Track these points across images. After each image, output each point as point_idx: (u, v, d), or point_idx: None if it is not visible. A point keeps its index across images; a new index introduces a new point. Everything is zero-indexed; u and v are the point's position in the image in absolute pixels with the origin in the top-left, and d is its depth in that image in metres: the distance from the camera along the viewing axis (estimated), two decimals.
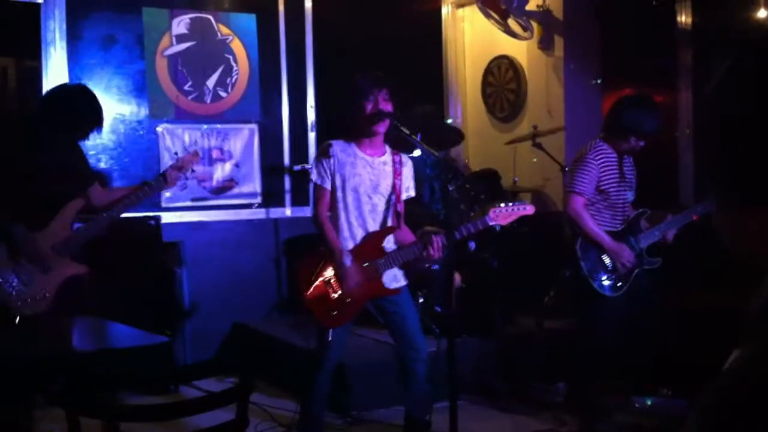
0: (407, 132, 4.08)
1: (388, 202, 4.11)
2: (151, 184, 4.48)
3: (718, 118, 0.89)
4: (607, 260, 4.50)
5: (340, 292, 3.99)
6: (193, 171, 4.76)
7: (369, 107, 3.97)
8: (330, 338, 3.96)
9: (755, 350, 0.82)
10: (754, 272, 0.91)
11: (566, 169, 5.61)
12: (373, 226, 4.08)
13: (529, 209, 4.14)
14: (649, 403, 4.87)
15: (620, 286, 4.50)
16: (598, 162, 4.49)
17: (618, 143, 4.52)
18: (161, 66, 6.17)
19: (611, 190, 4.53)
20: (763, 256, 0.89)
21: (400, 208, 4.14)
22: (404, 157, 4.20)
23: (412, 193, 4.23)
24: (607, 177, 4.52)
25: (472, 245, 5.57)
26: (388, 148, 4.16)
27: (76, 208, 4.30)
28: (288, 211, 6.60)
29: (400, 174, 4.12)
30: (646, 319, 4.58)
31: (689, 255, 4.68)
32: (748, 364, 0.81)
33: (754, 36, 0.90)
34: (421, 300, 5.47)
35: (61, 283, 4.18)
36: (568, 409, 4.80)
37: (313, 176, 4.07)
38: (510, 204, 4.09)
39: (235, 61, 6.41)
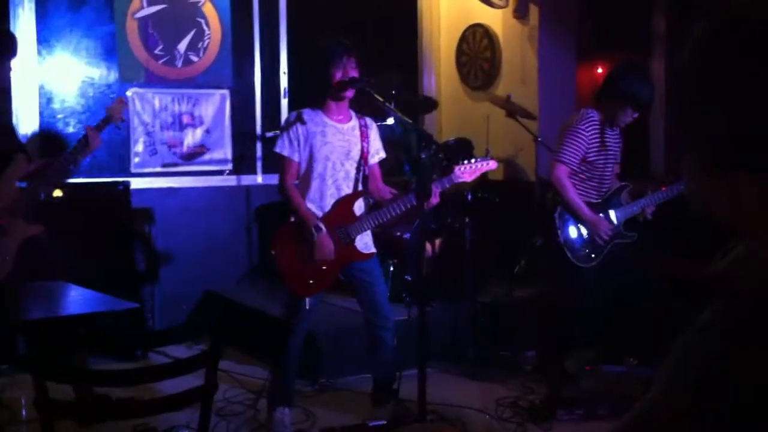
0: (380, 99, 4.06)
1: (358, 166, 4.11)
2: (71, 152, 4.37)
3: (693, 82, 0.89)
4: (584, 231, 4.52)
5: (315, 260, 3.98)
6: (123, 120, 4.64)
7: (338, 74, 3.95)
8: (308, 307, 3.97)
9: (724, 307, 0.82)
10: (723, 237, 0.92)
11: (539, 139, 5.62)
12: (346, 192, 4.08)
13: (492, 164, 4.18)
14: (615, 371, 4.93)
15: (594, 257, 4.52)
16: (588, 133, 4.46)
17: (612, 113, 4.46)
18: (132, 28, 6.06)
19: (594, 160, 4.52)
20: (732, 219, 0.89)
21: (370, 171, 4.14)
22: (369, 120, 4.21)
23: (383, 155, 4.24)
24: (593, 148, 4.50)
25: (446, 214, 5.57)
26: (353, 113, 4.15)
27: (21, 166, 4.19)
28: (259, 178, 6.56)
29: (367, 137, 4.13)
30: (620, 290, 4.61)
31: (661, 227, 4.72)
32: (717, 321, 0.81)
33: (729, 4, 0.90)
34: (391, 268, 5.48)
35: (19, 246, 4.10)
36: (536, 377, 4.85)
37: (278, 147, 4.04)
38: (473, 160, 4.11)
39: (207, 25, 6.32)
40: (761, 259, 0.86)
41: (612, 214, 4.60)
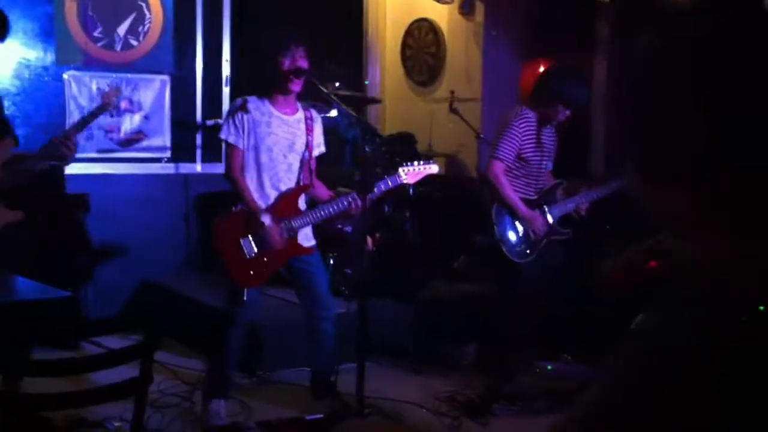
0: (325, 90, 4.05)
1: (302, 159, 4.09)
2: (39, 153, 4.09)
3: (633, 90, 0.91)
4: (519, 227, 4.59)
5: (257, 251, 3.95)
6: (116, 107, 4.46)
7: (286, 64, 3.91)
8: (246, 298, 3.93)
9: (661, 314, 0.83)
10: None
11: (481, 136, 5.66)
12: (288, 185, 4.07)
13: (434, 168, 4.24)
14: (550, 367, 5.01)
15: (529, 253, 4.60)
16: (522, 130, 4.55)
17: (544, 111, 4.58)
18: (70, 10, 5.90)
19: (529, 157, 4.60)
20: (667, 221, 0.92)
21: (313, 165, 4.12)
22: (314, 113, 4.20)
23: (323, 149, 4.23)
24: (528, 145, 4.58)
25: (387, 208, 5.58)
26: (299, 105, 4.12)
27: (6, 149, 4.01)
28: (199, 167, 6.45)
29: (312, 130, 4.12)
30: (556, 286, 4.69)
31: (599, 225, 4.80)
32: (654, 328, 0.82)
33: (673, 11, 0.91)
34: (332, 262, 5.46)
35: None
36: (475, 371, 4.88)
37: (223, 134, 3.99)
38: (417, 163, 4.16)
39: (148, 8, 6.19)
40: (698, 267, 0.88)
41: (547, 210, 4.68)
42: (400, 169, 4.10)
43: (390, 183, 4.08)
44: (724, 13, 0.87)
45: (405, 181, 4.12)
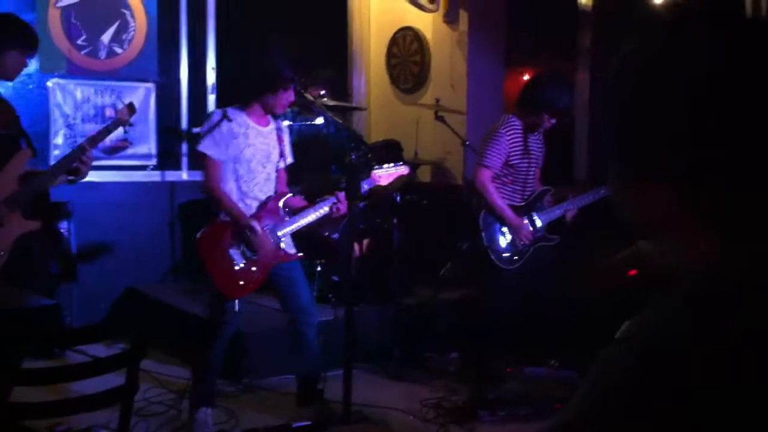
0: (311, 98, 4.07)
1: (277, 170, 4.16)
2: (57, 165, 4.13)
3: (619, 95, 0.92)
4: (507, 234, 4.61)
5: (246, 261, 3.95)
6: (131, 125, 4.43)
7: (280, 97, 4.02)
8: (237, 309, 3.94)
9: (647, 318, 0.84)
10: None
11: (467, 143, 5.68)
12: (268, 194, 4.12)
13: (404, 169, 4.33)
14: (537, 373, 5.02)
15: (516, 259, 4.62)
16: (509, 137, 4.58)
17: (530, 119, 4.61)
18: (54, 17, 5.88)
19: (517, 164, 4.63)
20: (646, 225, 0.93)
21: (282, 174, 4.22)
22: (280, 123, 4.26)
23: (291, 160, 4.28)
24: (515, 152, 4.60)
25: (374, 215, 5.58)
26: (270, 116, 4.15)
27: (24, 160, 4.01)
28: (184, 175, 6.44)
29: (282, 141, 4.18)
30: (543, 292, 4.70)
31: (586, 231, 4.82)
32: (639, 332, 0.83)
33: (654, 19, 0.94)
34: (319, 269, 5.45)
35: (15, 241, 3.92)
36: (460, 378, 4.89)
37: (202, 147, 3.99)
38: (389, 165, 4.26)
39: (133, 16, 6.17)
40: (680, 270, 0.89)
41: (535, 217, 4.70)
42: (373, 173, 4.21)
43: (366, 185, 4.15)
44: (704, 21, 0.89)
45: (378, 183, 4.24)
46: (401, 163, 4.37)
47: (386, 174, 4.25)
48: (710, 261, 0.86)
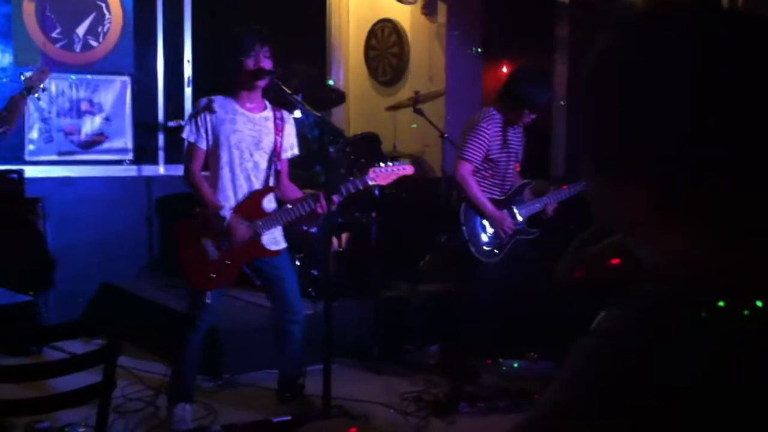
0: (289, 91, 4.02)
1: (270, 159, 4.03)
2: None
3: (597, 90, 0.92)
4: (487, 227, 4.61)
5: (219, 253, 3.91)
6: (44, 89, 4.44)
7: (250, 63, 3.87)
8: (209, 300, 3.89)
9: (620, 313, 0.84)
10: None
11: (445, 135, 5.67)
12: (256, 184, 4.00)
13: (408, 169, 4.12)
14: (515, 366, 5.04)
15: (497, 252, 4.62)
16: (489, 131, 4.56)
17: (510, 113, 4.60)
18: (28, 10, 5.80)
19: (497, 158, 4.62)
20: (620, 221, 0.93)
21: (281, 166, 4.08)
22: (286, 114, 4.13)
23: (296, 152, 4.16)
24: (495, 146, 4.60)
25: (352, 209, 5.56)
26: (268, 104, 4.08)
27: None
28: (161, 169, 6.39)
29: (281, 130, 4.05)
30: (522, 285, 4.71)
31: (566, 225, 4.83)
32: (613, 326, 0.83)
33: (631, 13, 0.94)
34: (298, 263, 5.43)
35: None
36: (440, 371, 4.89)
37: (185, 133, 3.95)
38: (389, 164, 4.06)
39: (108, 9, 6.11)
40: (655, 266, 0.89)
41: (515, 210, 4.71)
42: (371, 171, 4.00)
43: (359, 184, 3.97)
44: (681, 15, 0.88)
45: (376, 182, 4.01)
46: (406, 163, 4.12)
47: (385, 173, 4.01)
48: (682, 258, 0.86)
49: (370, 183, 4.01)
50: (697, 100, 0.83)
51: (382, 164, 4.04)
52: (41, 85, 4.32)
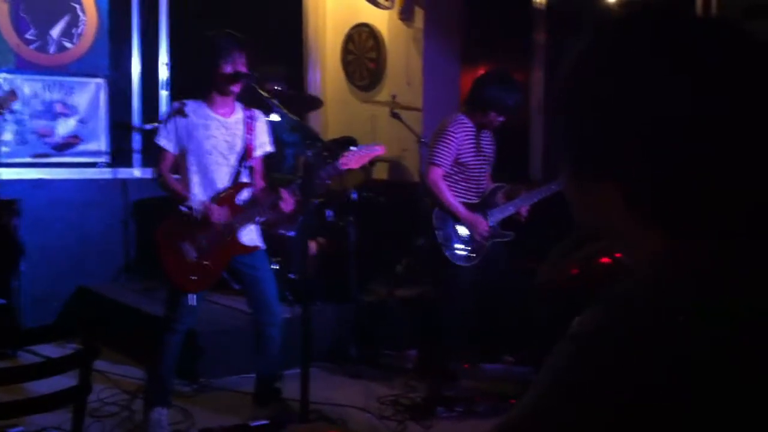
0: (266, 95, 4.02)
1: (242, 159, 4.03)
2: None
3: (572, 93, 0.93)
4: (462, 231, 4.62)
5: (198, 254, 3.89)
6: (12, 112, 4.38)
7: (226, 68, 3.87)
8: (192, 303, 3.87)
9: (594, 316, 0.84)
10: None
11: (423, 140, 5.68)
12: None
13: (379, 150, 4.03)
14: (494, 369, 5.05)
15: (473, 256, 4.62)
16: (458, 135, 4.58)
17: (478, 117, 4.62)
18: (1, 11, 5.75)
19: (469, 162, 4.64)
20: (598, 225, 0.94)
21: (255, 163, 4.07)
22: (256, 112, 4.13)
23: (269, 149, 4.15)
24: (466, 150, 4.62)
25: (329, 213, 5.55)
26: (238, 106, 4.08)
27: None
28: (137, 172, 6.34)
29: (252, 129, 4.05)
30: (498, 289, 4.73)
31: (540, 227, 4.86)
32: (586, 329, 0.83)
33: (606, 18, 0.95)
34: (276, 267, 5.41)
35: None
36: (417, 376, 4.90)
37: (156, 137, 3.95)
38: (360, 147, 4.04)
39: (83, 10, 6.06)
40: (632, 268, 0.90)
41: (489, 214, 4.71)
42: (342, 156, 3.92)
43: (331, 171, 3.90)
44: (653, 20, 0.89)
45: (348, 166, 3.92)
46: (376, 144, 4.06)
47: (357, 156, 3.93)
48: (657, 258, 0.87)
49: (343, 168, 3.93)
50: (661, 102, 0.85)
51: (352, 147, 4.02)
52: (8, 107, 4.25)
